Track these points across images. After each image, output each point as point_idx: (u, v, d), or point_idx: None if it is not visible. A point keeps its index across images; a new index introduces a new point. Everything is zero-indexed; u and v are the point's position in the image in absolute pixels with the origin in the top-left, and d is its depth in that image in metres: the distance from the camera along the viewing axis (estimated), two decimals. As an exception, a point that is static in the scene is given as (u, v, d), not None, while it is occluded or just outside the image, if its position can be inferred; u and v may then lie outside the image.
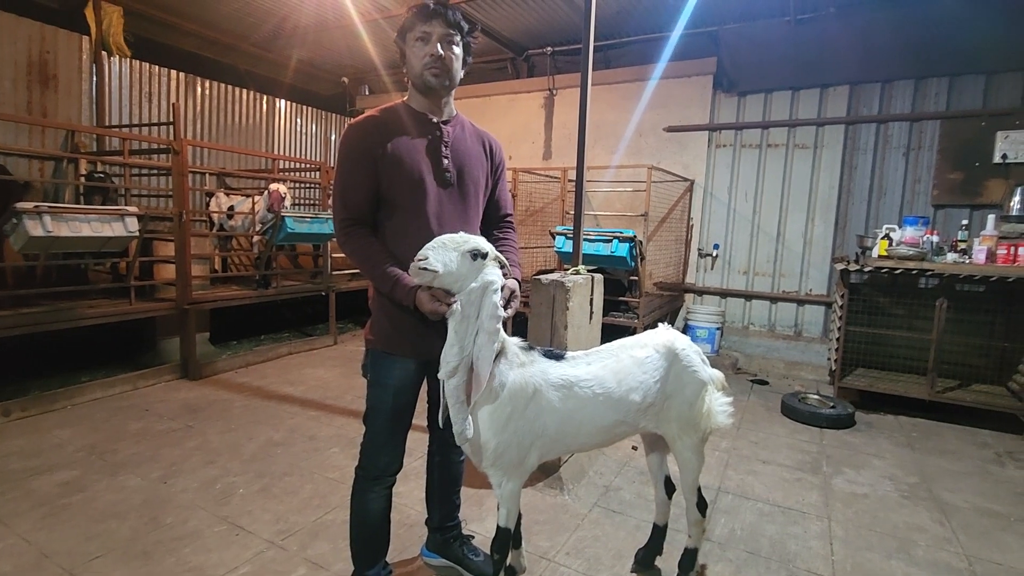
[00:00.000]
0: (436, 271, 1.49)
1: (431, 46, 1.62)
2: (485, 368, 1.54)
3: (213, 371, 4.54)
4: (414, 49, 1.64)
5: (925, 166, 4.83)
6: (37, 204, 3.36)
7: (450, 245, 1.52)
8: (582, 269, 2.98)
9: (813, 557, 2.33)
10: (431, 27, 1.61)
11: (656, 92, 5.94)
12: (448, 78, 1.66)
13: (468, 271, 1.53)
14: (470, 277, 1.53)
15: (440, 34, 1.62)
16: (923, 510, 2.77)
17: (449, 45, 1.63)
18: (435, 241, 1.53)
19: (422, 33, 1.62)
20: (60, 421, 3.48)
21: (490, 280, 1.54)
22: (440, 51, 1.61)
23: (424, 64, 1.63)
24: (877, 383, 4.26)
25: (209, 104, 6.52)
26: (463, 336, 1.54)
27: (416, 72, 1.65)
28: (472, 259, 1.53)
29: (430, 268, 1.48)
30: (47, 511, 2.47)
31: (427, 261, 1.49)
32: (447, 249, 1.51)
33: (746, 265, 5.64)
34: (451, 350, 1.54)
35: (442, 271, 1.50)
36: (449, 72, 1.65)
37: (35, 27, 5.02)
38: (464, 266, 1.52)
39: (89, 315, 3.87)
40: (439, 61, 1.62)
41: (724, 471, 3.13)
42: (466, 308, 1.53)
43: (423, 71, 1.63)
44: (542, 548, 2.31)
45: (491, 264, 1.58)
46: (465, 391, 1.57)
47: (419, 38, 1.63)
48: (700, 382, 1.90)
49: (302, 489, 2.76)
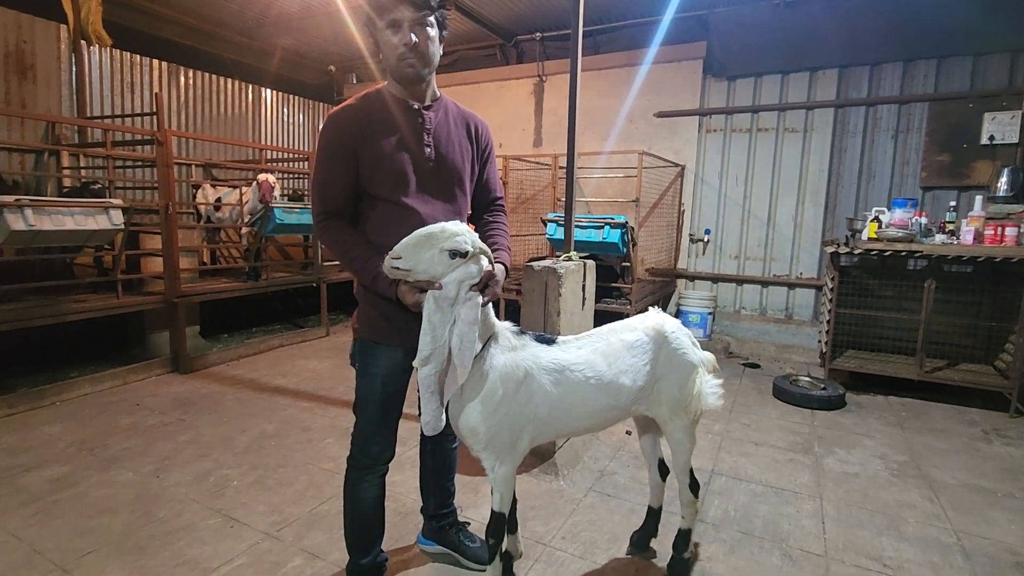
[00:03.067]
0: (408, 270, 1.47)
1: (403, 34, 1.53)
2: (466, 359, 1.50)
3: (204, 364, 4.51)
4: (385, 38, 1.56)
5: (913, 148, 4.85)
6: (18, 198, 3.30)
7: (425, 243, 1.47)
8: (574, 255, 2.97)
9: (806, 536, 2.36)
10: (399, 12, 1.52)
11: (647, 77, 5.91)
12: (426, 65, 1.60)
13: (445, 268, 1.48)
14: (447, 272, 1.49)
15: (411, 19, 1.53)
16: (912, 487, 2.81)
17: (422, 28, 1.55)
18: (411, 237, 1.48)
19: (391, 20, 1.54)
20: (49, 417, 3.44)
21: (468, 271, 1.50)
22: (414, 39, 1.53)
23: (399, 55, 1.55)
24: (867, 364, 4.30)
25: (193, 94, 6.40)
26: (435, 325, 1.50)
27: (392, 64, 1.59)
28: (450, 258, 1.48)
29: (402, 268, 1.46)
30: (37, 508, 2.44)
31: (400, 261, 1.46)
32: (421, 247, 1.47)
33: (737, 250, 5.66)
34: (424, 338, 1.51)
35: (415, 270, 1.47)
36: (425, 58, 1.58)
37: (10, 15, 4.89)
38: (440, 264, 1.47)
39: (76, 310, 3.82)
40: (414, 51, 1.55)
41: (717, 453, 3.15)
42: (440, 299, 1.49)
43: (399, 63, 1.57)
44: (538, 533, 2.32)
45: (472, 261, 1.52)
46: (438, 382, 1.54)
47: (389, 26, 1.55)
48: (690, 364, 1.90)
49: (296, 480, 2.75)
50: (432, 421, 1.60)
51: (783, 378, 4.25)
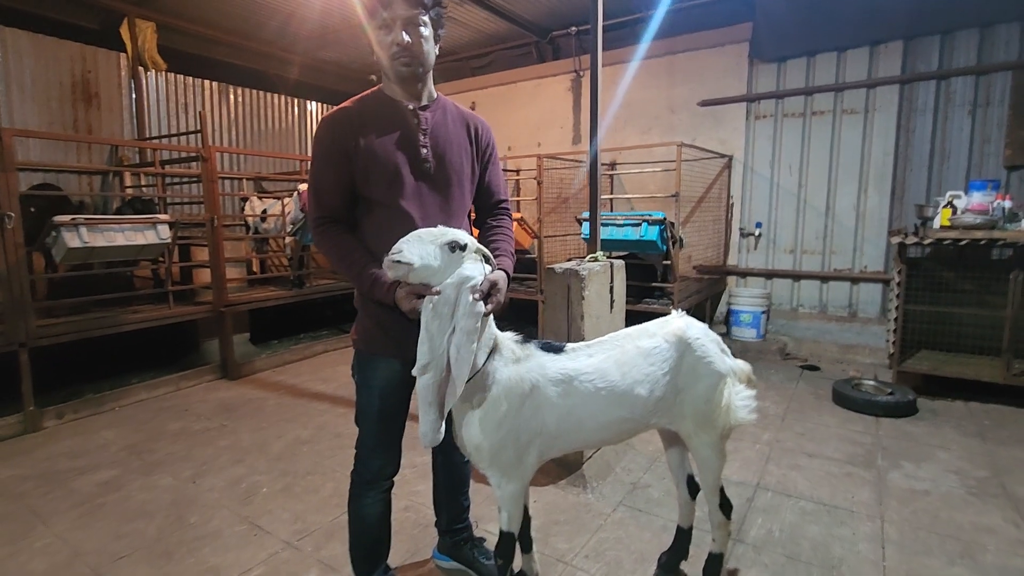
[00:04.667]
0: (411, 264, 1.40)
1: (395, 34, 1.51)
2: (462, 371, 1.42)
3: (251, 370, 4.67)
4: (378, 37, 1.54)
5: (995, 124, 4.33)
6: (73, 216, 3.52)
7: (426, 238, 1.43)
8: (600, 256, 2.82)
9: (861, 562, 2.11)
10: (391, 12, 1.50)
11: (688, 65, 5.62)
12: (419, 64, 1.56)
13: (446, 264, 1.43)
14: (448, 271, 1.43)
15: (403, 18, 1.50)
16: (994, 508, 2.47)
17: (415, 28, 1.52)
18: (410, 235, 1.44)
19: (383, 20, 1.51)
20: (107, 422, 3.65)
21: (467, 275, 1.43)
22: (405, 38, 1.51)
23: (392, 54, 1.53)
24: (942, 366, 3.88)
25: (242, 111, 6.69)
26: (433, 334, 1.44)
27: (384, 63, 1.56)
28: (450, 251, 1.43)
29: (403, 261, 1.39)
30: (84, 510, 2.57)
31: (401, 254, 1.40)
32: (423, 242, 1.42)
33: (792, 243, 5.27)
34: (422, 347, 1.44)
35: (418, 264, 1.40)
36: (419, 57, 1.55)
37: (76, 48, 5.28)
38: (442, 259, 1.42)
39: (132, 320, 4.04)
40: (406, 51, 1.52)
41: (765, 465, 2.91)
42: (439, 305, 1.42)
43: (392, 62, 1.54)
44: (560, 550, 2.20)
45: (471, 257, 1.47)
46: (437, 393, 1.47)
47: (381, 26, 1.52)
48: (717, 374, 1.73)
49: (323, 488, 2.76)
50: (430, 433, 1.52)
51: (844, 382, 3.90)
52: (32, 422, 3.47)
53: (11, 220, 3.36)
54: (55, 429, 3.53)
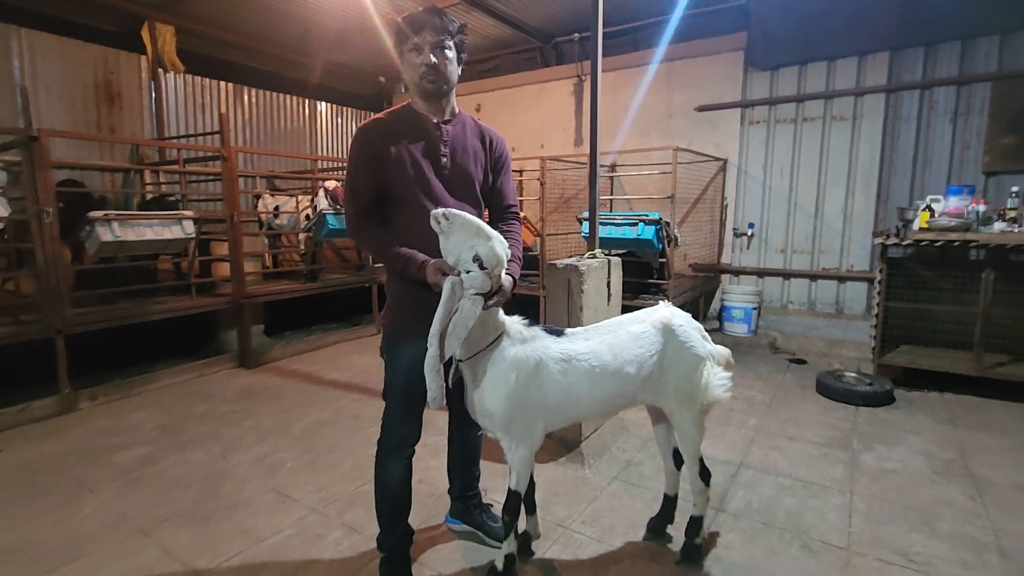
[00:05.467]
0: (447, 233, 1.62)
1: (424, 56, 1.74)
2: (452, 344, 1.63)
3: (268, 359, 4.92)
4: (409, 59, 1.77)
5: (974, 131, 4.58)
6: (106, 212, 3.76)
7: (472, 228, 1.62)
8: (598, 253, 3.07)
9: (829, 528, 2.36)
10: (421, 37, 1.73)
11: (686, 71, 5.87)
12: (445, 82, 1.79)
13: (465, 260, 1.63)
14: (462, 265, 1.64)
15: (431, 42, 1.74)
16: (955, 486, 2.72)
17: (441, 51, 1.75)
18: (470, 217, 1.63)
19: (414, 44, 1.74)
20: (138, 405, 3.90)
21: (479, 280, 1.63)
22: (433, 60, 1.74)
23: (421, 74, 1.76)
24: (920, 359, 4.12)
25: (256, 111, 6.93)
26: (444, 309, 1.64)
27: (414, 81, 1.79)
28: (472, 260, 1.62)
29: (442, 224, 1.61)
30: (125, 481, 2.82)
31: (445, 222, 1.61)
32: (467, 229, 1.62)
33: (783, 243, 5.52)
34: (436, 317, 1.65)
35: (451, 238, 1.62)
36: (444, 76, 1.78)
37: (98, 50, 5.52)
38: (463, 255, 1.62)
39: (157, 310, 4.29)
40: (433, 70, 1.75)
41: (748, 447, 3.16)
42: (457, 287, 1.64)
43: (420, 80, 1.77)
44: (559, 517, 2.45)
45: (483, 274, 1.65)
46: (438, 361, 1.66)
47: (412, 49, 1.76)
48: (697, 357, 1.98)
49: (343, 463, 3.01)
50: (439, 398, 1.69)
51: (827, 373, 4.14)
52: (68, 404, 3.72)
53: (49, 215, 3.61)
54: (89, 410, 3.78)
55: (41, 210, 3.59)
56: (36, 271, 3.64)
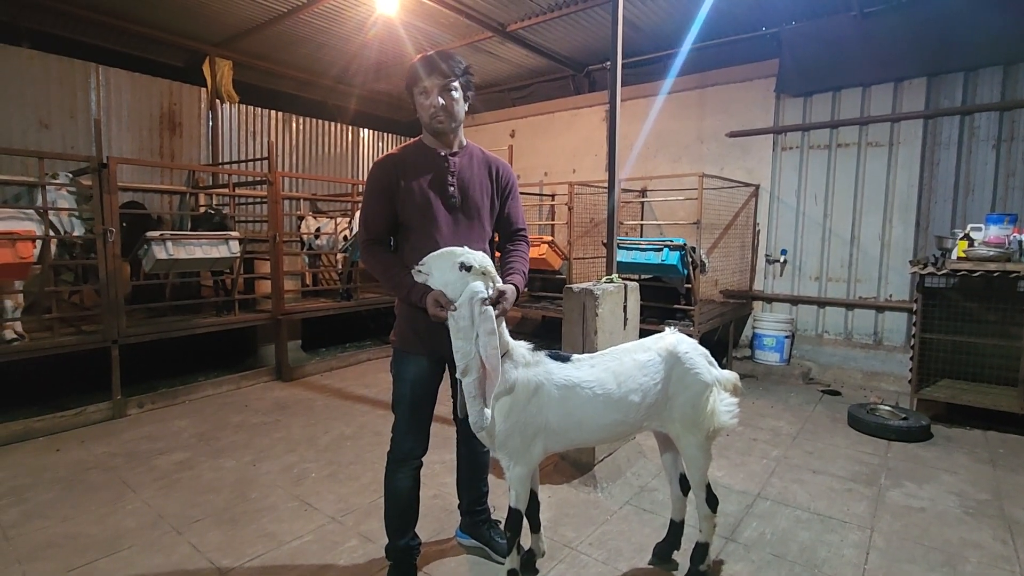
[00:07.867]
0: (428, 274, 1.79)
1: (432, 98, 1.89)
2: (495, 363, 1.74)
3: (302, 374, 5.14)
4: (419, 100, 1.93)
5: (1020, 158, 4.41)
6: (162, 232, 4.08)
7: (445, 256, 1.79)
8: (615, 277, 3.12)
9: (843, 564, 2.30)
10: (430, 81, 1.88)
11: (717, 98, 5.89)
12: (452, 120, 1.94)
13: (458, 279, 1.76)
14: (459, 286, 1.76)
15: (439, 85, 1.88)
16: (986, 527, 2.59)
17: (448, 93, 1.90)
18: (434, 253, 1.81)
19: (423, 88, 1.90)
20: (179, 413, 4.15)
21: (475, 290, 1.75)
22: (441, 102, 1.89)
23: (430, 115, 1.91)
24: (961, 395, 3.94)
25: (303, 137, 7.35)
26: (463, 342, 1.76)
27: (425, 120, 1.95)
28: (459, 269, 1.76)
29: (423, 271, 1.79)
30: (164, 483, 3.02)
31: (423, 267, 1.79)
32: (440, 258, 1.79)
33: (818, 270, 5.40)
34: (456, 356, 1.77)
35: (435, 275, 1.78)
36: (452, 115, 1.92)
37: (164, 84, 6.02)
38: (452, 274, 1.76)
39: (202, 324, 4.58)
40: (442, 111, 1.90)
41: (768, 478, 3.10)
42: (458, 319, 1.76)
43: (430, 120, 1.92)
44: (567, 538, 2.48)
45: (477, 276, 1.78)
46: (479, 386, 1.77)
47: (422, 92, 1.91)
48: (703, 384, 2.00)
49: (364, 476, 3.13)
50: (478, 420, 1.80)
51: (860, 406, 4.01)
52: (119, 409, 4.01)
53: (113, 235, 3.95)
54: (137, 416, 4.06)
55: (107, 229, 3.94)
56: (99, 285, 3.97)
